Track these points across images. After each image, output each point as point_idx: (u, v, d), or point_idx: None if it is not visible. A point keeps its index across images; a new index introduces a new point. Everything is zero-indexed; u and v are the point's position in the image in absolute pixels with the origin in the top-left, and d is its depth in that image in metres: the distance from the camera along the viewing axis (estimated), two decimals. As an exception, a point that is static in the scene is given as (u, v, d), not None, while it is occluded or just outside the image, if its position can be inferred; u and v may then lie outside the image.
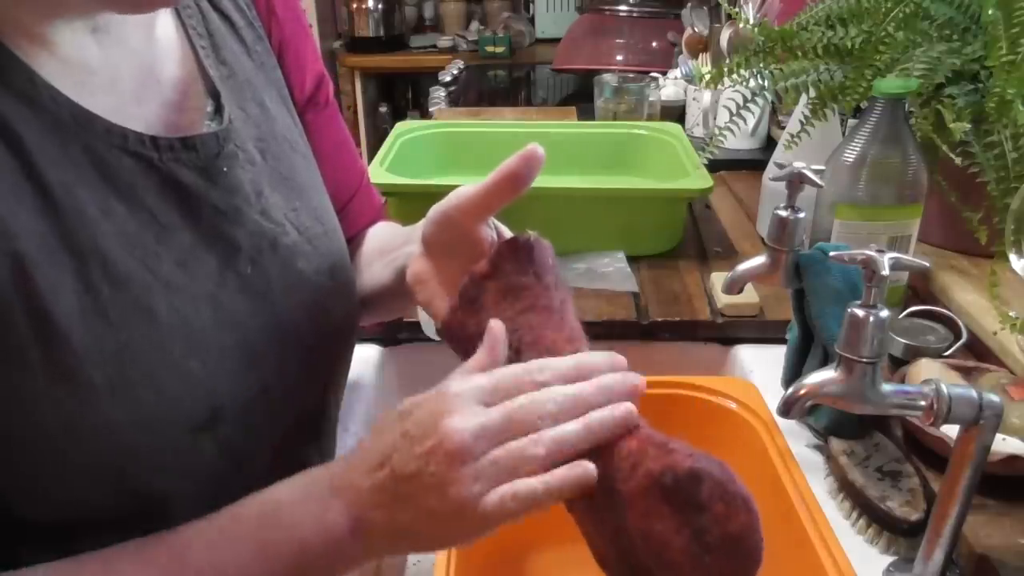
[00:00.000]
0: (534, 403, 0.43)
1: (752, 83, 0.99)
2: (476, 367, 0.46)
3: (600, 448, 0.44)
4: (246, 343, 0.51)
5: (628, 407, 0.44)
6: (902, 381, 0.73)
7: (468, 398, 0.43)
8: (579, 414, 0.44)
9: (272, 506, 0.46)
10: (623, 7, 2.14)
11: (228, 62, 0.55)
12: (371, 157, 1.14)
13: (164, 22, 0.53)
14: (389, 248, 0.67)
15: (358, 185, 0.71)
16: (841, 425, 0.70)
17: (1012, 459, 0.62)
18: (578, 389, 0.44)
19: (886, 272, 0.53)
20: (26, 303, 0.41)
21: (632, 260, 1.06)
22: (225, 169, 0.50)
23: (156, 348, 0.45)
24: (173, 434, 0.46)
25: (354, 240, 0.70)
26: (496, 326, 0.47)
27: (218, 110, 0.52)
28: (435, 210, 0.52)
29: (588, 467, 0.43)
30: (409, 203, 1.07)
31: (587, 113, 1.67)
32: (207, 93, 0.53)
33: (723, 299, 0.94)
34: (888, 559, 0.62)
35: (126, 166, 0.46)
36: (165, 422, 0.46)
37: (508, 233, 0.55)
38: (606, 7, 2.16)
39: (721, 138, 0.99)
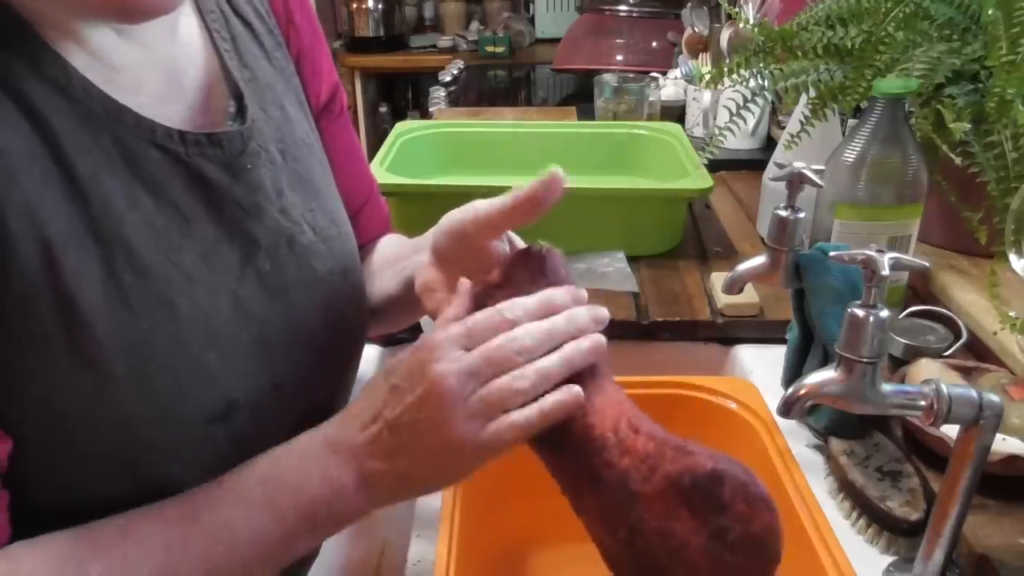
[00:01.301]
0: (511, 341, 0.45)
1: (752, 83, 0.98)
2: (451, 318, 0.48)
3: (613, 449, 0.45)
4: (262, 338, 0.51)
5: (598, 337, 0.48)
6: (902, 381, 0.73)
7: (448, 345, 0.45)
8: (553, 346, 0.46)
9: (277, 468, 0.48)
10: (623, 7, 2.14)
11: (250, 65, 0.56)
12: (371, 157, 1.14)
13: (188, 25, 0.54)
14: (397, 259, 0.68)
15: (368, 195, 0.72)
16: (841, 425, 0.70)
17: (1012, 459, 0.62)
18: (550, 324, 0.47)
19: (886, 272, 0.53)
20: (53, 289, 0.41)
21: (632, 260, 1.06)
22: (249, 166, 0.51)
23: (175, 340, 0.46)
24: (188, 425, 0.47)
25: (363, 250, 0.71)
26: (464, 282, 0.50)
27: (240, 111, 0.53)
28: (448, 222, 0.53)
29: (576, 389, 0.45)
30: (409, 203, 1.07)
31: (587, 113, 1.67)
32: (230, 94, 0.54)
33: (723, 299, 0.94)
34: (888, 559, 0.62)
35: (153, 159, 0.47)
36: (181, 413, 0.47)
37: (521, 243, 0.56)
38: (606, 7, 2.16)
39: (721, 138, 0.99)
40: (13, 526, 0.44)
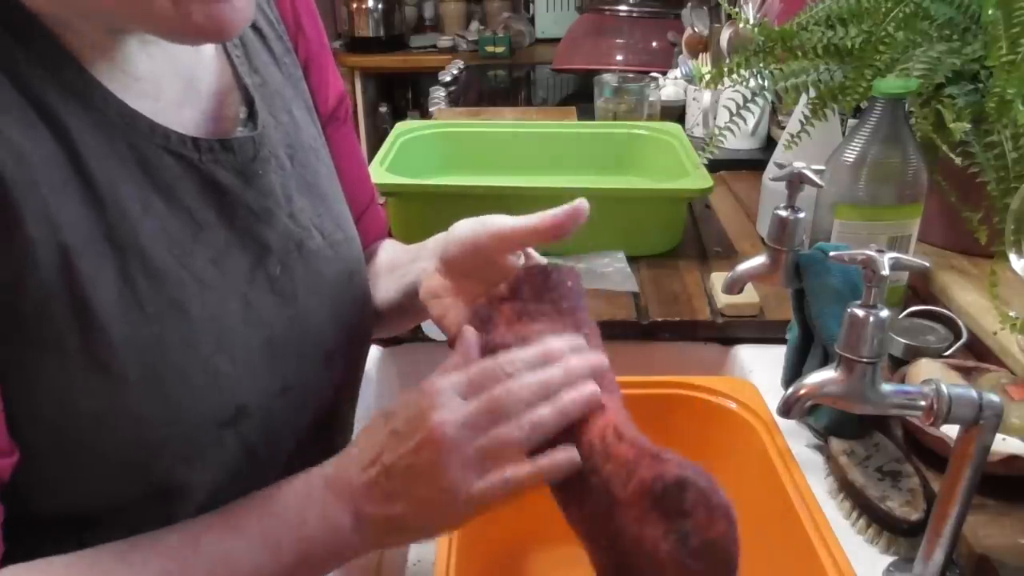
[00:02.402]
0: (509, 392, 0.46)
1: (752, 83, 0.98)
2: (452, 367, 0.49)
3: (598, 456, 0.46)
4: (271, 343, 0.52)
5: (593, 388, 0.48)
6: (902, 381, 0.73)
7: (449, 393, 0.47)
8: (549, 397, 0.47)
9: (276, 504, 0.49)
10: (623, 7, 2.14)
11: (260, 71, 0.56)
12: (371, 157, 1.14)
13: None
14: (396, 265, 0.69)
15: (369, 201, 0.73)
16: (841, 425, 0.70)
17: (1012, 459, 0.62)
18: (547, 375, 0.48)
19: (886, 272, 0.53)
20: (69, 293, 0.42)
21: (632, 260, 1.06)
22: (260, 172, 0.52)
23: (187, 343, 0.46)
24: (199, 429, 0.47)
25: (365, 254, 0.72)
26: (468, 331, 0.51)
27: (251, 116, 0.54)
28: (462, 231, 0.55)
29: (573, 452, 0.46)
30: (409, 203, 1.07)
31: (587, 113, 1.67)
32: (242, 100, 0.54)
33: (723, 299, 0.94)
34: (888, 559, 0.62)
35: (167, 165, 0.47)
36: (192, 417, 0.47)
37: (537, 256, 0.58)
38: (606, 7, 2.16)
39: (721, 138, 0.99)
40: (18, 538, 0.44)
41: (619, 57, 2.07)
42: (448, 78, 2.13)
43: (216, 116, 0.52)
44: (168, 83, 0.49)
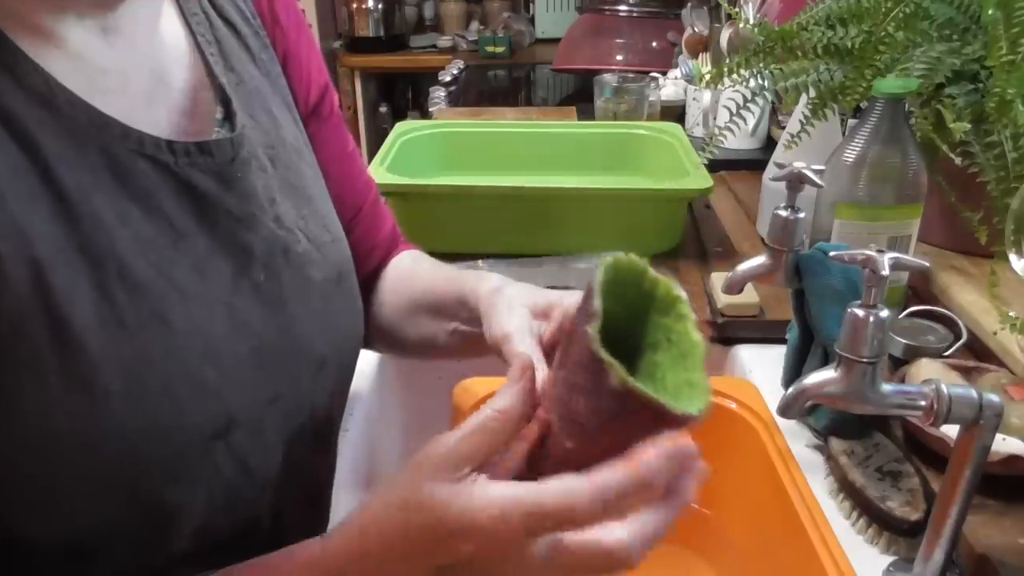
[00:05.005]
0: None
1: (752, 83, 0.98)
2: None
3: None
4: (259, 351, 0.50)
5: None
6: (902, 381, 0.73)
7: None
8: None
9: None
10: (623, 7, 2.14)
11: (236, 69, 0.55)
12: (371, 157, 1.14)
13: (173, 28, 0.52)
14: (442, 307, 0.66)
15: (364, 201, 0.70)
16: (841, 425, 0.70)
17: (1012, 459, 0.62)
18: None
19: (886, 272, 0.53)
20: (44, 310, 0.40)
21: (632, 260, 1.05)
22: (240, 175, 0.50)
23: (172, 356, 0.45)
24: (187, 443, 0.46)
25: (378, 268, 0.71)
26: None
27: (227, 117, 0.52)
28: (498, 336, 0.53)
29: None
30: (409, 203, 1.07)
31: (587, 113, 1.67)
32: (217, 100, 0.52)
33: (723, 299, 0.94)
34: (888, 559, 0.62)
35: (142, 170, 0.45)
36: (180, 431, 0.45)
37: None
38: (606, 7, 2.16)
39: (721, 138, 0.99)
40: (11, 567, 0.43)
41: (619, 57, 2.07)
42: (448, 78, 2.13)
43: (191, 115, 0.50)
44: (135, 75, 0.47)
